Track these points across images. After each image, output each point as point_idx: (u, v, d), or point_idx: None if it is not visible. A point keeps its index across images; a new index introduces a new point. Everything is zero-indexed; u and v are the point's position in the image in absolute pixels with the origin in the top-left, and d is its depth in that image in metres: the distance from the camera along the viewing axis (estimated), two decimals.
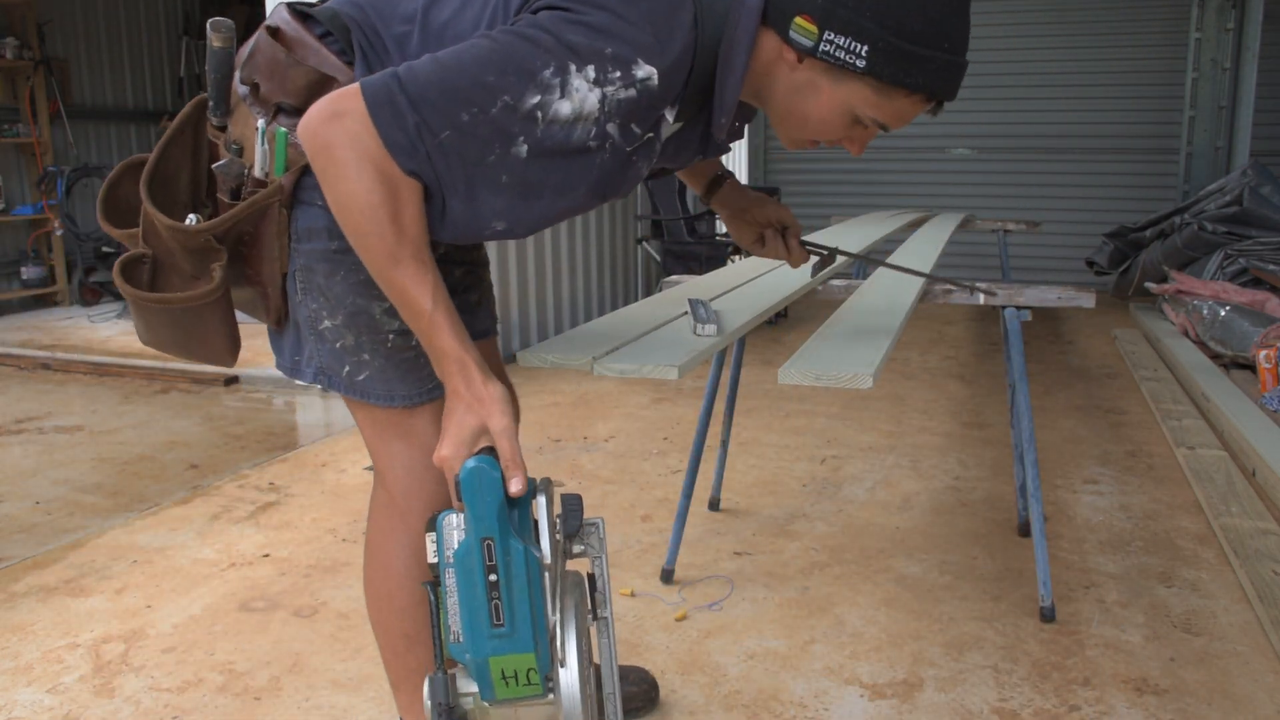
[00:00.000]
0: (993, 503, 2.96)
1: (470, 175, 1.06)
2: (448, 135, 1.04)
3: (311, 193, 1.21)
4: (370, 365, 1.27)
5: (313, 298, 1.25)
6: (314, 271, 1.23)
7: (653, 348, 1.46)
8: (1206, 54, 7.01)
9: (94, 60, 7.37)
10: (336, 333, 1.26)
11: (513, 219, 1.11)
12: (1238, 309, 4.56)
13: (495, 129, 1.04)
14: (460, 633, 1.04)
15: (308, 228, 1.22)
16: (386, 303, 1.23)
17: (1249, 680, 1.94)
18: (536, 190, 1.08)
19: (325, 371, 1.29)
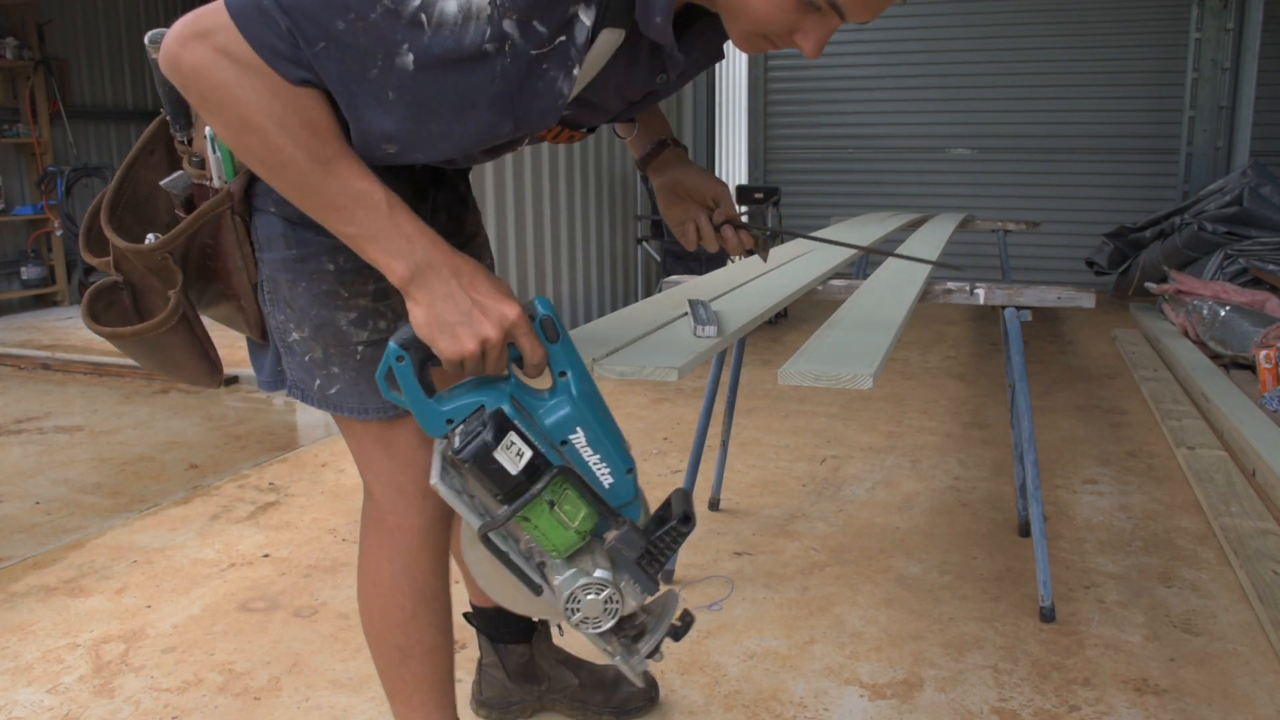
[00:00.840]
0: (993, 503, 2.96)
1: (352, 91, 0.93)
2: (323, 46, 0.90)
3: (264, 199, 1.14)
4: (341, 378, 1.21)
5: (279, 309, 1.19)
6: (277, 282, 1.18)
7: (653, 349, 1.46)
8: (1206, 54, 7.01)
9: (94, 60, 7.37)
10: (305, 345, 1.20)
11: (406, 141, 0.97)
12: (1238, 309, 4.56)
13: (376, 37, 0.90)
14: (610, 475, 1.04)
15: (266, 236, 1.16)
16: (352, 313, 1.18)
17: (1249, 680, 1.94)
18: (430, 108, 0.94)
19: (297, 385, 1.24)
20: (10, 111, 6.61)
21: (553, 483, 1.01)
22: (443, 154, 1.00)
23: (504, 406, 1.02)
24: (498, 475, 1.01)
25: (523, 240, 5.07)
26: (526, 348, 1.01)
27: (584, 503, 1.03)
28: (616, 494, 1.06)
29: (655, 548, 1.06)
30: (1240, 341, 4.33)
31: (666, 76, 1.13)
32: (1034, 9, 7.34)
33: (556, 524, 1.03)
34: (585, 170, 5.72)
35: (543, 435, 1.03)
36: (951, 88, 7.64)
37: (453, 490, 1.06)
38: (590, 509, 1.04)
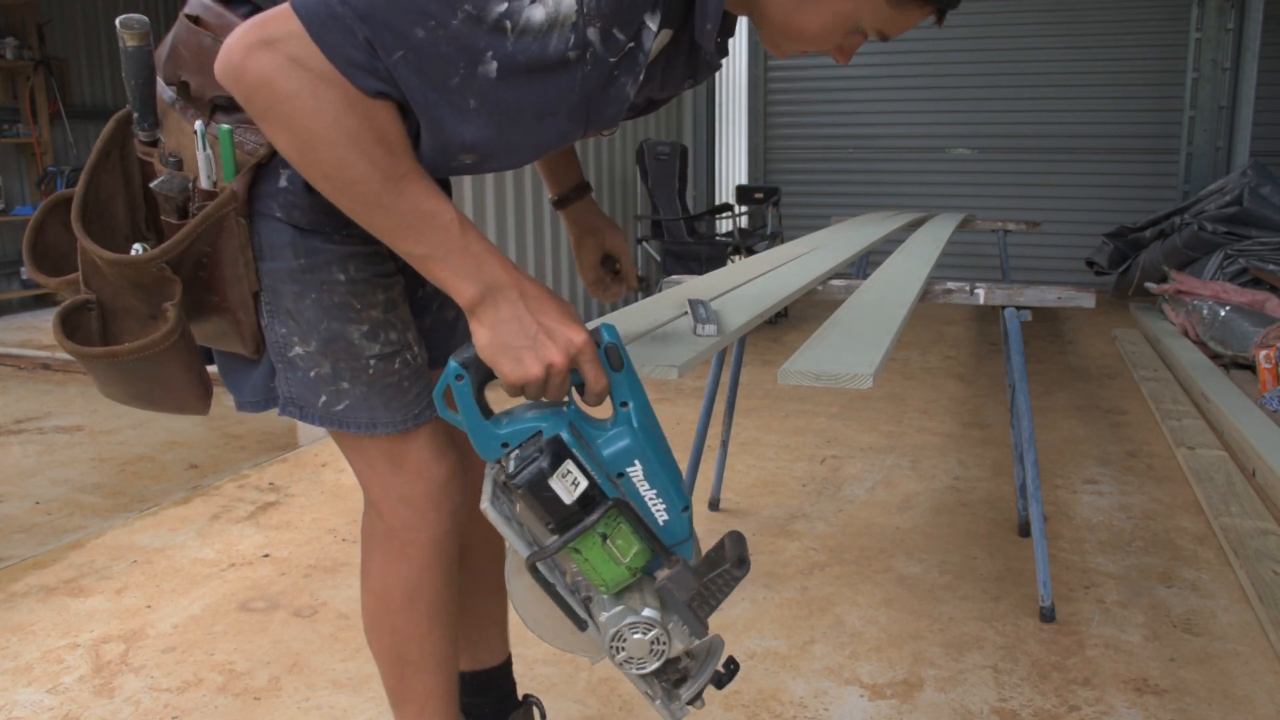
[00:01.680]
0: (993, 503, 2.96)
1: (432, 101, 0.89)
2: (401, 55, 0.87)
3: (268, 201, 1.07)
4: (350, 394, 1.14)
5: (280, 321, 1.12)
6: (280, 294, 1.10)
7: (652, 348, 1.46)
8: (1206, 54, 7.01)
9: (94, 60, 7.37)
10: (310, 360, 1.13)
11: (485, 150, 0.94)
12: (1238, 309, 4.56)
13: (458, 45, 0.87)
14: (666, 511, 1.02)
15: (270, 244, 1.08)
16: (364, 325, 1.13)
17: (1249, 680, 1.94)
18: (512, 116, 0.92)
19: (296, 402, 1.16)
20: (10, 111, 6.61)
21: (607, 515, 0.98)
22: (519, 162, 1.00)
23: (562, 434, 0.99)
24: (551, 504, 0.98)
25: (523, 240, 5.07)
26: (590, 375, 0.98)
27: (637, 538, 1.01)
28: (670, 532, 1.03)
29: (707, 590, 1.02)
30: (1240, 341, 4.33)
31: (694, 80, 1.13)
32: (1034, 9, 7.35)
33: (608, 558, 1.01)
34: (585, 170, 5.73)
35: (600, 466, 1.00)
36: (951, 88, 7.64)
37: (502, 516, 1.03)
38: (643, 545, 1.01)
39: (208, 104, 1.06)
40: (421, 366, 1.20)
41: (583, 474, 0.98)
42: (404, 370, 1.17)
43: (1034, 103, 7.45)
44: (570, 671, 1.98)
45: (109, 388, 1.17)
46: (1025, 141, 7.54)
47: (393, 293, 1.16)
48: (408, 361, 1.18)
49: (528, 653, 1.98)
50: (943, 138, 7.73)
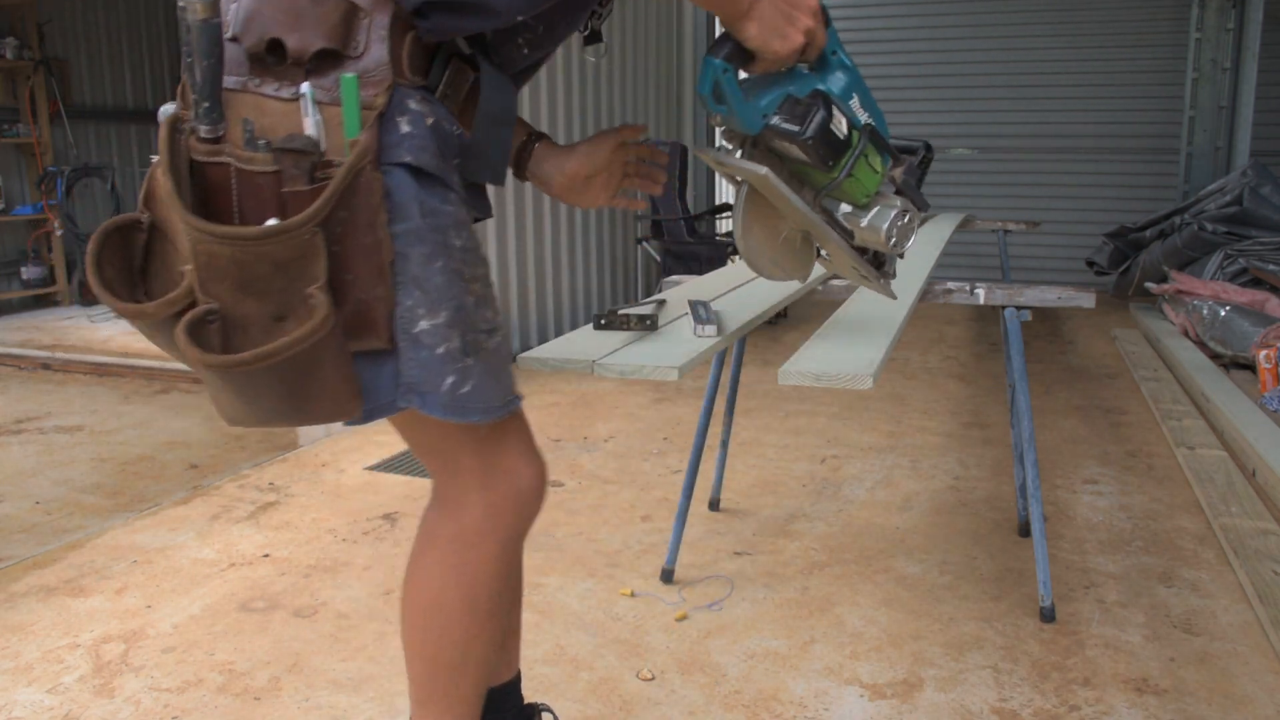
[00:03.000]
0: (993, 503, 2.96)
1: None
2: None
3: (395, 150, 1.01)
4: (474, 372, 1.08)
5: (406, 292, 1.04)
6: (408, 259, 1.03)
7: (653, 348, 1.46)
8: (1206, 54, 7.01)
9: (94, 60, 7.37)
10: (438, 334, 1.05)
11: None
12: (1238, 309, 4.56)
13: None
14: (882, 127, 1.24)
15: (397, 202, 1.02)
16: (472, 297, 1.08)
17: (1249, 680, 1.94)
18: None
19: (417, 388, 1.06)
20: (10, 111, 6.61)
21: (867, 138, 1.21)
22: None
23: (820, 87, 1.18)
24: (835, 142, 1.17)
25: (523, 240, 5.07)
26: (820, 33, 1.15)
27: (877, 149, 1.23)
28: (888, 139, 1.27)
29: (921, 174, 1.30)
30: (1240, 341, 4.33)
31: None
32: (1035, 9, 7.35)
33: (870, 171, 1.23)
34: None
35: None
36: (951, 88, 7.64)
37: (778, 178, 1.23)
38: (884, 155, 1.25)
39: (306, 62, 1.00)
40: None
41: (841, 113, 1.18)
42: (504, 348, 1.14)
43: (1034, 103, 7.45)
44: (570, 671, 1.98)
45: (256, 404, 1.03)
46: (1025, 141, 7.54)
47: (487, 267, 1.14)
48: (503, 339, 1.15)
49: (527, 653, 1.98)
50: (943, 138, 7.73)
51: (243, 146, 1.00)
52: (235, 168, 1.00)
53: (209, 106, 1.00)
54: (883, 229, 1.27)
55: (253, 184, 1.00)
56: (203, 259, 0.98)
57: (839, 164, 1.20)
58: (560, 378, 4.55)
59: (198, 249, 0.98)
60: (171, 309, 1.00)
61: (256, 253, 0.97)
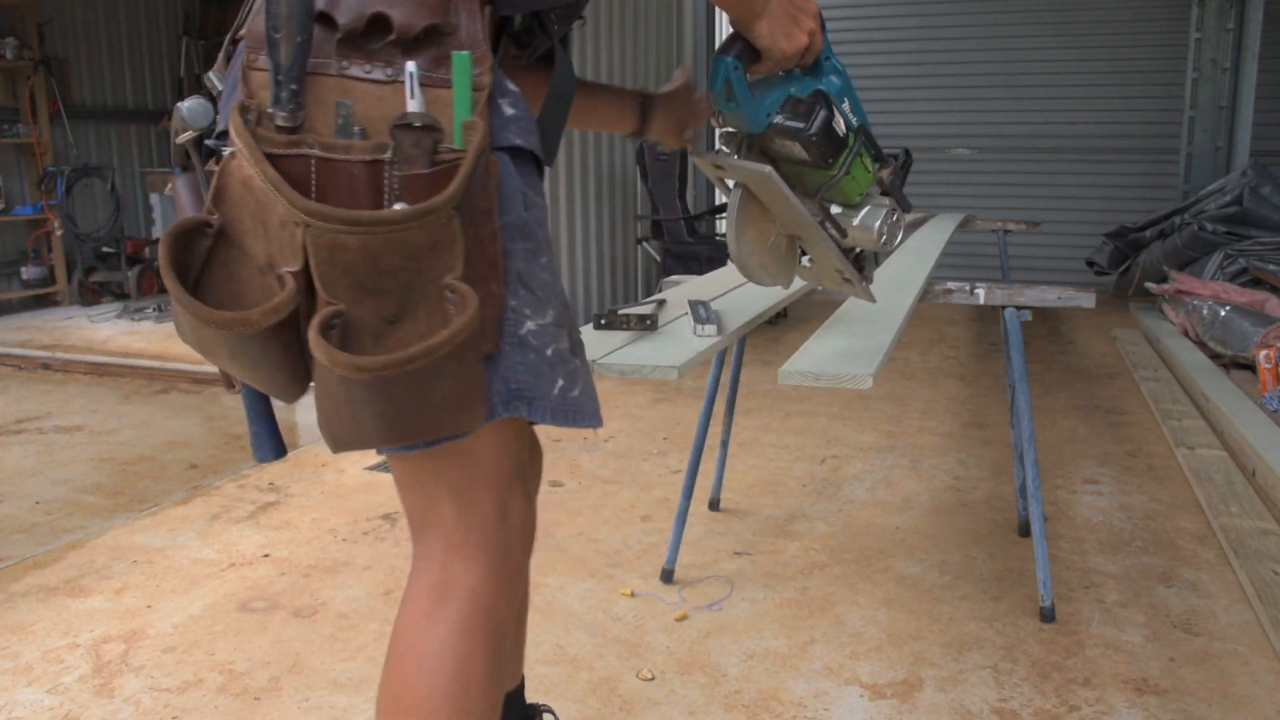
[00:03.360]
0: (993, 503, 2.96)
1: None
2: None
3: (504, 134, 0.96)
4: (581, 374, 1.01)
5: (512, 292, 0.97)
6: (513, 255, 0.96)
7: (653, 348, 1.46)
8: (1206, 54, 7.01)
9: (94, 60, 7.37)
10: (546, 335, 0.98)
11: None
12: (1238, 309, 4.56)
13: None
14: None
15: (503, 194, 0.95)
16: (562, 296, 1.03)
17: (1249, 680, 1.94)
18: None
19: (523, 395, 0.97)
20: (10, 111, 6.61)
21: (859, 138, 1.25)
22: None
23: (821, 87, 1.21)
24: (836, 140, 1.20)
25: None
26: (819, 37, 1.18)
27: (868, 150, 1.27)
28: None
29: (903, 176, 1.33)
30: (1240, 341, 4.33)
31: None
32: (1035, 9, 7.35)
33: (864, 170, 1.26)
34: (585, 170, 5.72)
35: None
36: (951, 88, 7.64)
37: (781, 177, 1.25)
38: (873, 154, 1.28)
39: (412, 39, 0.92)
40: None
41: (839, 113, 1.21)
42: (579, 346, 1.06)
43: (1034, 103, 7.45)
44: (570, 671, 1.98)
45: (371, 421, 0.92)
46: (1025, 141, 7.54)
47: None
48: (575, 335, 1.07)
49: (527, 653, 1.98)
50: (943, 138, 7.73)
51: (334, 134, 0.90)
52: (317, 159, 0.90)
53: (295, 91, 0.89)
54: (874, 227, 1.30)
55: (342, 175, 0.90)
56: (323, 253, 0.88)
57: (838, 162, 1.22)
58: None
59: (318, 243, 0.87)
60: (278, 315, 0.89)
61: (395, 240, 0.87)
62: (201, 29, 8.22)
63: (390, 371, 0.87)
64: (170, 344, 5.38)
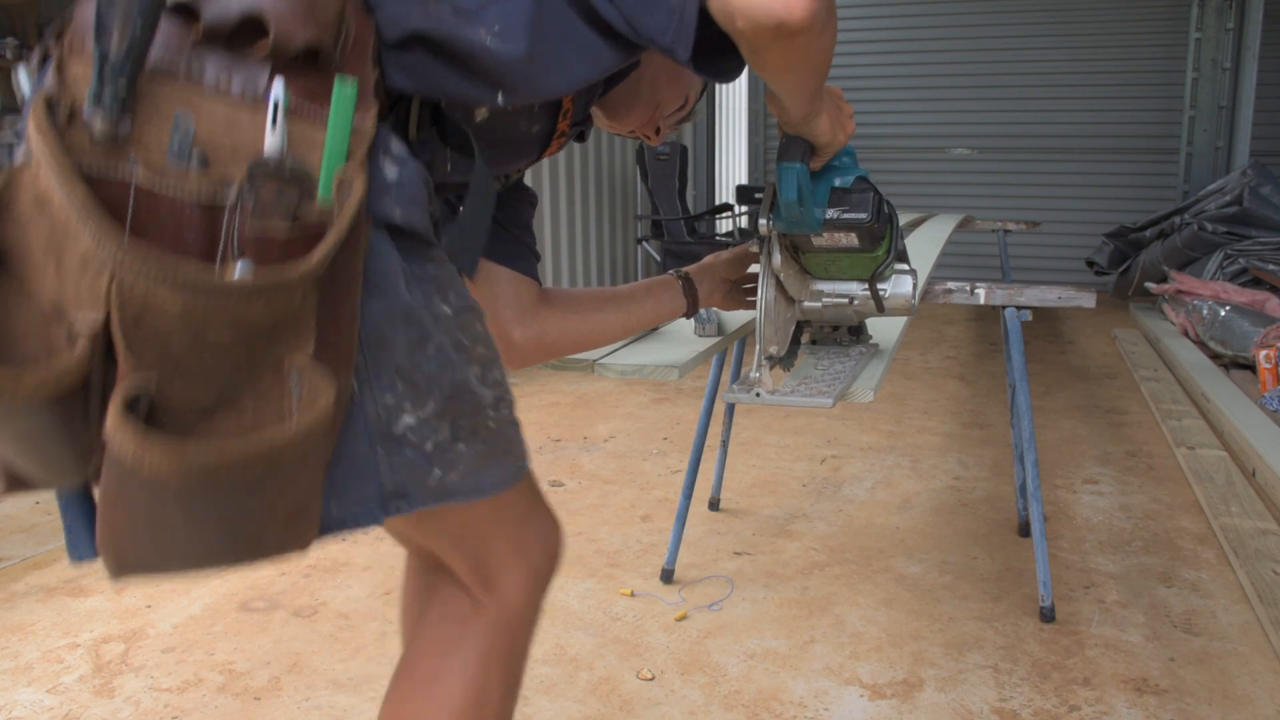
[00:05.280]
0: (993, 503, 2.96)
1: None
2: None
3: (382, 201, 0.79)
4: (467, 455, 0.88)
5: (388, 386, 0.81)
6: (391, 346, 0.81)
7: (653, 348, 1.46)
8: (1206, 54, 7.02)
9: None
10: (425, 429, 0.84)
11: None
12: (1238, 309, 4.56)
13: None
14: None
15: (377, 272, 0.79)
16: (476, 366, 0.89)
17: (1249, 680, 1.94)
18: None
19: (398, 494, 0.84)
20: (10, 112, 6.61)
21: (894, 213, 1.29)
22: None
23: (860, 174, 1.22)
24: (893, 224, 1.26)
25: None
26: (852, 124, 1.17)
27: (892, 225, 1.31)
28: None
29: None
30: (1240, 341, 4.33)
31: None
32: (1034, 9, 7.35)
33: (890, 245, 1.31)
34: (585, 170, 5.72)
35: None
36: (951, 88, 7.64)
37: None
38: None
39: (288, 57, 0.74)
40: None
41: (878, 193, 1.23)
42: (511, 410, 0.95)
43: (1034, 103, 7.45)
44: (570, 671, 1.98)
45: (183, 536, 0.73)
46: (1025, 141, 7.54)
47: (485, 319, 0.94)
48: (512, 400, 0.95)
49: None
50: (943, 138, 7.73)
51: (165, 156, 0.70)
52: (138, 187, 0.69)
53: (124, 88, 0.69)
54: (907, 295, 1.35)
55: (169, 213, 0.70)
56: (132, 310, 0.67)
57: (886, 243, 1.26)
58: (560, 378, 4.55)
59: (127, 295, 0.66)
60: (58, 386, 0.68)
61: (229, 312, 0.68)
62: None
63: (225, 471, 0.68)
64: None
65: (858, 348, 1.54)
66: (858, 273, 1.35)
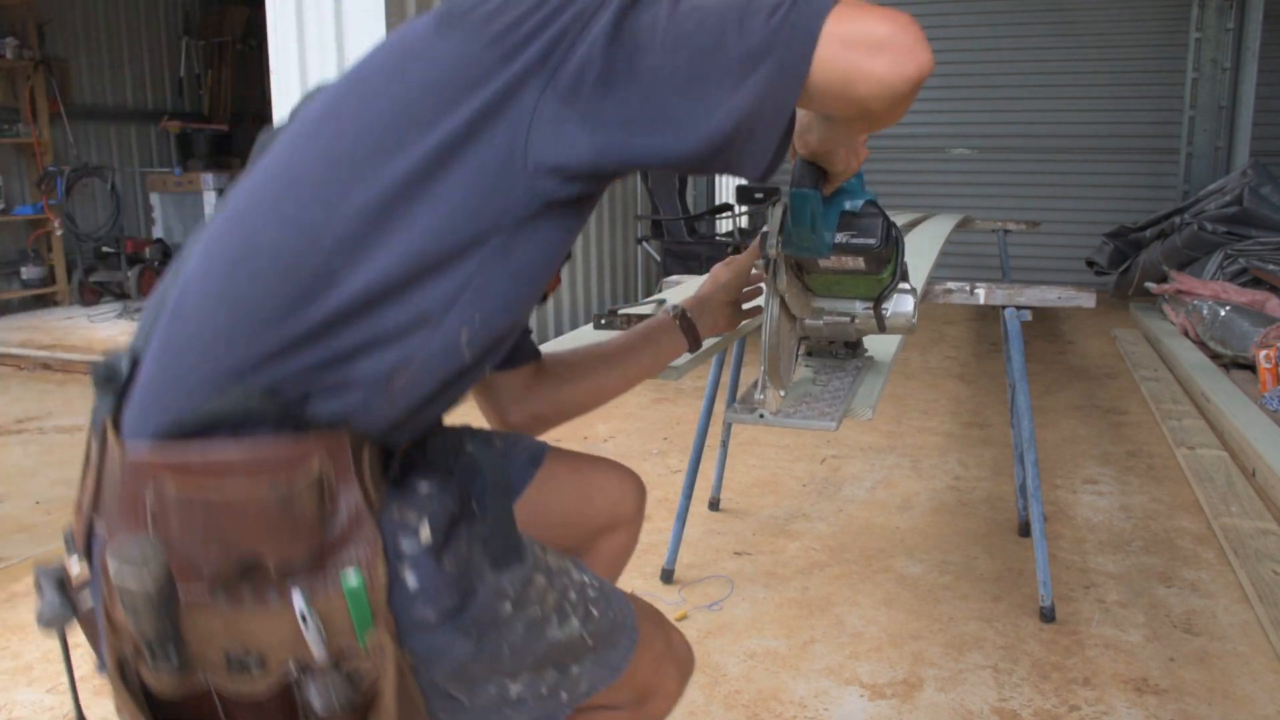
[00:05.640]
0: (993, 503, 2.96)
1: None
2: None
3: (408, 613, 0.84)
4: (583, 669, 0.98)
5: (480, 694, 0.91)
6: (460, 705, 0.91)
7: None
8: (1206, 54, 7.01)
9: (94, 60, 7.37)
10: (533, 685, 0.94)
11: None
12: (1238, 309, 4.56)
13: None
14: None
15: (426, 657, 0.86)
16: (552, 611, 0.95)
17: (1249, 680, 1.94)
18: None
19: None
20: (10, 111, 6.61)
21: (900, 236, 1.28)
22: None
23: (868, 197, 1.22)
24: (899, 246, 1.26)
25: None
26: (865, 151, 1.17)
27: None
28: None
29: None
30: (1240, 341, 4.33)
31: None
32: (1034, 9, 7.34)
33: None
34: None
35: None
36: (951, 88, 7.64)
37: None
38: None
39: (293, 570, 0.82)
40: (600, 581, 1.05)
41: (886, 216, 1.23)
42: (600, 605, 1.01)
43: (1034, 103, 7.45)
44: None
45: None
46: (1025, 141, 7.54)
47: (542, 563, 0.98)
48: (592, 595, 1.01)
49: None
50: (943, 138, 7.73)
51: (226, 670, 0.82)
52: (219, 693, 0.83)
53: (174, 658, 0.81)
54: (906, 314, 1.35)
55: (248, 706, 0.83)
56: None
57: (892, 265, 1.26)
58: None
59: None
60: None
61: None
62: (201, 29, 8.23)
63: None
64: None
65: (854, 361, 1.54)
66: (861, 293, 1.34)
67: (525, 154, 0.81)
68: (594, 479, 1.30)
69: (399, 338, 0.82)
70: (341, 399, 0.82)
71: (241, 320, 0.81)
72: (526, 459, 1.22)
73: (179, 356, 0.83)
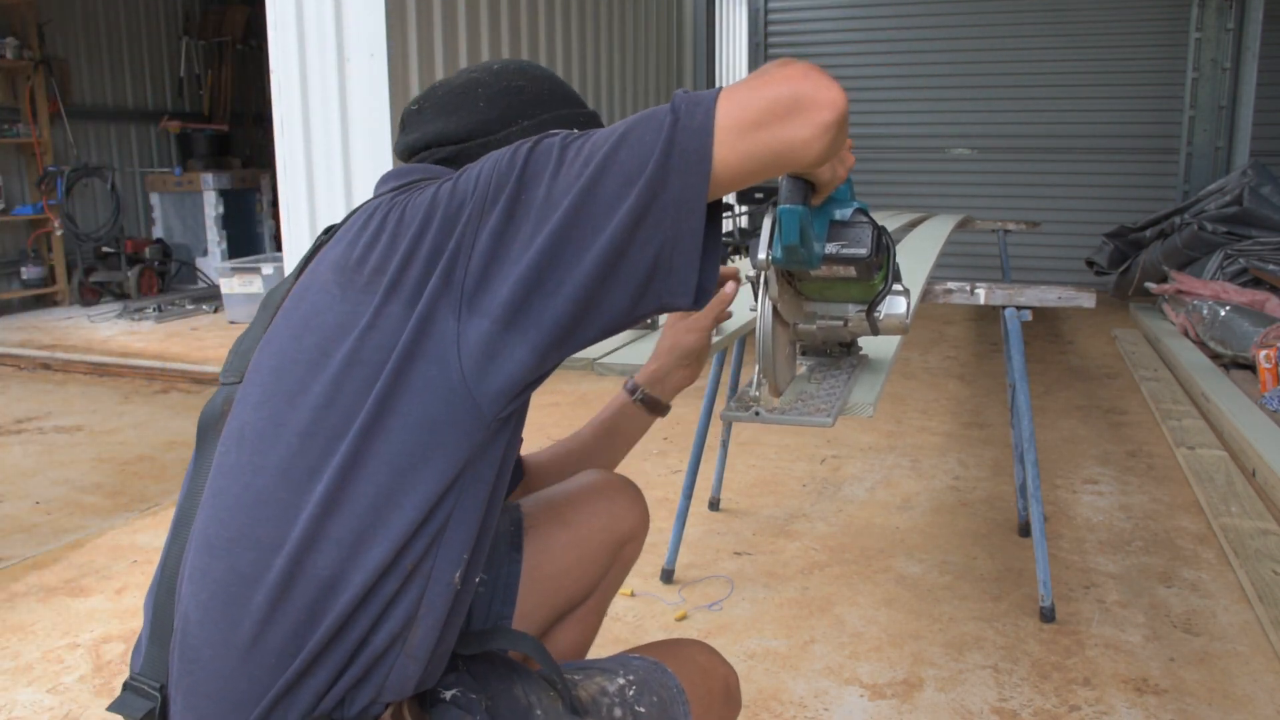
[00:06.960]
0: (993, 503, 2.96)
1: None
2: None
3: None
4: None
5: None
6: None
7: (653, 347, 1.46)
8: (1206, 54, 7.02)
9: (94, 60, 7.37)
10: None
11: None
12: (1238, 309, 4.56)
13: None
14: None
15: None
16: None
17: (1249, 680, 1.94)
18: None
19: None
20: (10, 111, 6.61)
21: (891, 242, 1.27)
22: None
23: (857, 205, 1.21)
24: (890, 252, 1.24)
25: None
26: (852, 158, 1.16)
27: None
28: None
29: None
30: (1240, 341, 4.33)
31: None
32: (1034, 9, 7.35)
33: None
34: None
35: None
36: (951, 88, 7.64)
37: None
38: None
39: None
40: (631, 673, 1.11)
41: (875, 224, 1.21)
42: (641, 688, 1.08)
43: (1034, 103, 7.45)
44: None
45: None
46: (1025, 141, 7.54)
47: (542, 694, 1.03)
48: (632, 695, 1.08)
49: None
50: (943, 138, 7.73)
51: None
52: None
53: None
54: (899, 315, 1.35)
55: None
56: None
57: (884, 272, 1.25)
58: (560, 377, 4.54)
59: None
60: None
61: None
62: (201, 29, 8.23)
63: None
64: (170, 344, 5.38)
65: (848, 359, 1.54)
66: (854, 296, 1.34)
67: (467, 389, 0.83)
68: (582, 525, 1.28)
69: (398, 597, 0.85)
70: (371, 682, 0.86)
71: (256, 659, 0.84)
72: (508, 546, 1.23)
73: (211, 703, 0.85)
